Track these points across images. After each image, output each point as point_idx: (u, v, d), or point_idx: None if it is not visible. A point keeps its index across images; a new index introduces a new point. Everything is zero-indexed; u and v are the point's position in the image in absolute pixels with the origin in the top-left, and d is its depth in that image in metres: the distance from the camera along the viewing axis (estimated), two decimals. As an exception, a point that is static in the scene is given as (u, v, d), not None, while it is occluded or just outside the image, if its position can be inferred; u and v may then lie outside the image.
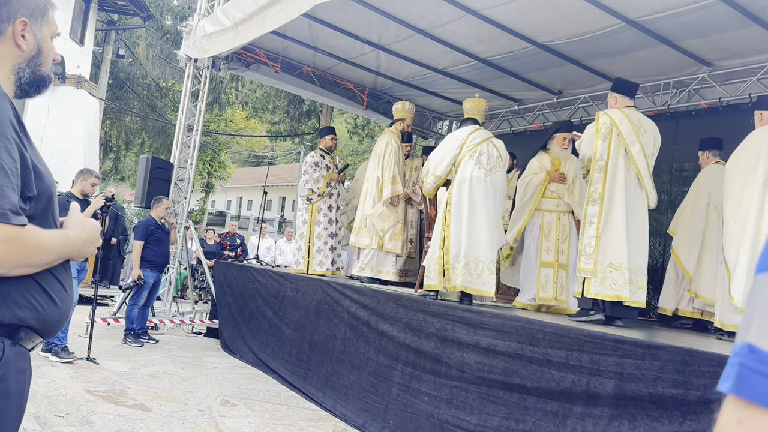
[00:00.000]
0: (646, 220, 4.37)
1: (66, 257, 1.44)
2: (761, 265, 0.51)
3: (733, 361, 0.50)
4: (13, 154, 1.26)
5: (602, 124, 4.40)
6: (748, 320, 0.51)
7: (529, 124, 9.24)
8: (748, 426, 0.47)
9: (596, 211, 4.30)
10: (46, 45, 1.46)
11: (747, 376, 0.48)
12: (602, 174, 4.33)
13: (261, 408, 5.02)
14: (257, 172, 35.60)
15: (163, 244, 7.33)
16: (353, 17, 7.04)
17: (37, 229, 1.31)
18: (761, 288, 0.50)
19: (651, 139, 4.42)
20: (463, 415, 3.77)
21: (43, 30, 1.45)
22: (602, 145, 4.37)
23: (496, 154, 4.92)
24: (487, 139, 4.97)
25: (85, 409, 4.37)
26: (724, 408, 0.50)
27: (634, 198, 4.30)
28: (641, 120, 4.45)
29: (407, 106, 6.86)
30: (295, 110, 23.30)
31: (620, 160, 4.31)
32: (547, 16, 6.20)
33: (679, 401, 2.67)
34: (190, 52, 8.63)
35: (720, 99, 6.92)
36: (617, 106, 4.54)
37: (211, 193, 26.72)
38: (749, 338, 0.49)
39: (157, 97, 23.12)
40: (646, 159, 4.33)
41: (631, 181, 4.31)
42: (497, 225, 4.86)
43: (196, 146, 8.97)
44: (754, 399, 0.47)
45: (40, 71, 1.46)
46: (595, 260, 4.23)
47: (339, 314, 5.35)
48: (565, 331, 3.32)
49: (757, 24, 5.63)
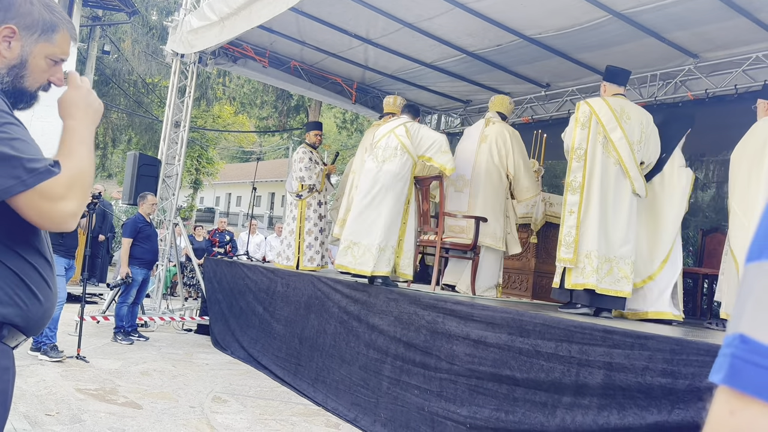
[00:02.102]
0: (631, 207, 4.33)
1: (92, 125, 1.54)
2: (751, 254, 0.52)
3: (724, 352, 0.50)
4: (22, 131, 1.31)
5: (581, 114, 4.41)
6: (739, 310, 0.51)
7: (518, 118, 9.26)
8: (740, 416, 0.47)
9: (576, 200, 4.31)
10: (34, 61, 1.44)
11: (739, 367, 0.48)
12: (581, 163, 4.33)
13: (253, 404, 5.01)
14: (246, 168, 35.43)
15: (151, 241, 7.29)
16: (341, 11, 7.02)
17: (65, 163, 1.34)
18: (752, 277, 0.50)
19: (637, 125, 4.36)
20: (453, 407, 3.78)
21: (36, 47, 1.43)
22: (581, 133, 4.37)
23: (395, 144, 5.08)
24: (389, 132, 5.18)
25: (76, 407, 4.34)
26: (715, 399, 0.50)
27: (614, 186, 4.28)
28: (625, 107, 4.41)
29: (398, 100, 6.85)
30: (284, 105, 23.21)
31: (598, 148, 4.30)
32: (535, 9, 6.21)
33: (668, 390, 2.69)
34: (176, 48, 8.56)
35: (706, 90, 6.96)
36: (606, 94, 4.54)
37: (199, 189, 26.57)
38: (741, 328, 0.49)
39: (143, 93, 22.92)
40: (629, 146, 4.28)
41: (611, 168, 4.29)
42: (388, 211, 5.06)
43: (183, 142, 8.92)
44: (746, 389, 0.47)
45: (21, 83, 1.44)
46: (575, 250, 4.24)
47: (329, 309, 5.34)
48: (554, 322, 3.34)
49: (743, 15, 5.67)
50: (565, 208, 4.38)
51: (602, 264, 4.20)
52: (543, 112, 8.85)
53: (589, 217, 4.23)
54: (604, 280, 4.20)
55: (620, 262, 4.24)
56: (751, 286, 0.50)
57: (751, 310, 0.49)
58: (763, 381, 0.46)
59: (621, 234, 4.28)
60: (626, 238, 4.30)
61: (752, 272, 0.50)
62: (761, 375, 0.47)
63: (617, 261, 4.23)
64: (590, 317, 4.01)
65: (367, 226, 5.02)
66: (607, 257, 4.22)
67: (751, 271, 0.51)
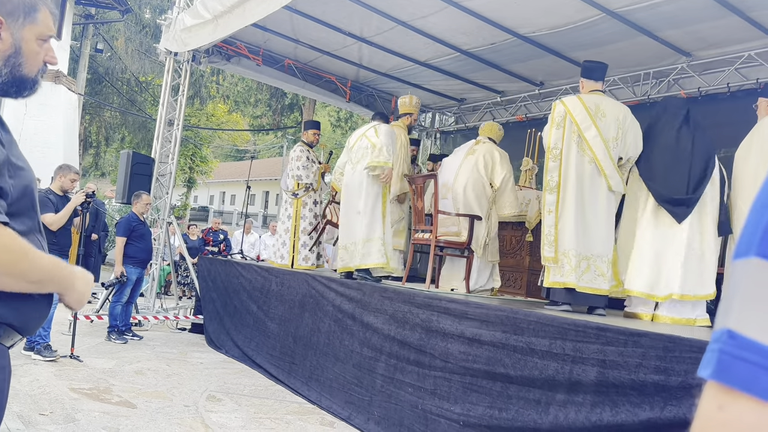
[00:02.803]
0: (608, 205, 4.33)
1: (57, 288, 1.38)
2: (738, 250, 0.52)
3: (713, 347, 0.50)
4: None
5: (557, 113, 4.42)
6: (727, 306, 0.51)
7: (512, 116, 9.28)
8: (729, 411, 0.48)
9: (554, 199, 4.32)
10: (27, 46, 1.43)
11: (727, 362, 0.48)
12: (557, 162, 4.35)
13: (248, 402, 5.01)
14: (240, 167, 35.35)
15: (145, 240, 7.28)
16: (335, 9, 7.01)
17: (22, 240, 1.26)
18: (740, 273, 0.51)
19: (613, 122, 4.34)
20: (447, 405, 3.79)
21: (24, 30, 1.41)
22: (556, 133, 4.38)
23: (366, 144, 5.47)
24: (361, 135, 5.62)
25: (70, 407, 4.33)
26: (704, 394, 0.50)
27: (590, 184, 4.29)
28: (600, 104, 4.39)
29: (414, 100, 6.68)
30: (278, 103, 23.18)
31: (573, 147, 4.31)
32: (528, 8, 6.22)
33: (661, 387, 2.70)
34: (169, 46, 8.53)
35: (699, 89, 6.99)
36: (584, 90, 4.56)
37: (193, 188, 26.47)
38: (729, 324, 0.49)
39: (136, 91, 22.84)
40: (604, 143, 4.27)
41: (585, 167, 4.29)
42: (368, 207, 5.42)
43: (177, 141, 8.89)
44: (734, 384, 0.47)
45: (20, 72, 1.43)
46: (555, 248, 4.26)
47: (324, 307, 5.35)
48: (548, 319, 3.35)
49: (735, 14, 5.69)
50: (543, 208, 4.41)
51: (580, 262, 4.22)
52: (537, 110, 8.87)
53: (566, 216, 4.25)
54: (582, 278, 4.22)
55: (597, 260, 4.25)
56: (738, 282, 0.50)
57: (739, 306, 0.50)
58: (750, 376, 0.47)
59: (598, 232, 4.29)
60: (604, 236, 4.30)
61: (739, 268, 0.51)
62: (748, 370, 0.47)
63: (595, 259, 4.25)
64: (585, 315, 4.03)
65: (353, 226, 5.43)
66: (585, 255, 4.24)
67: (738, 267, 0.51)
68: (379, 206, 5.45)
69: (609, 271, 4.27)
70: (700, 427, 0.50)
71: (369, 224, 5.36)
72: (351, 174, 5.56)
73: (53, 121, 13.40)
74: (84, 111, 19.75)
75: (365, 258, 5.31)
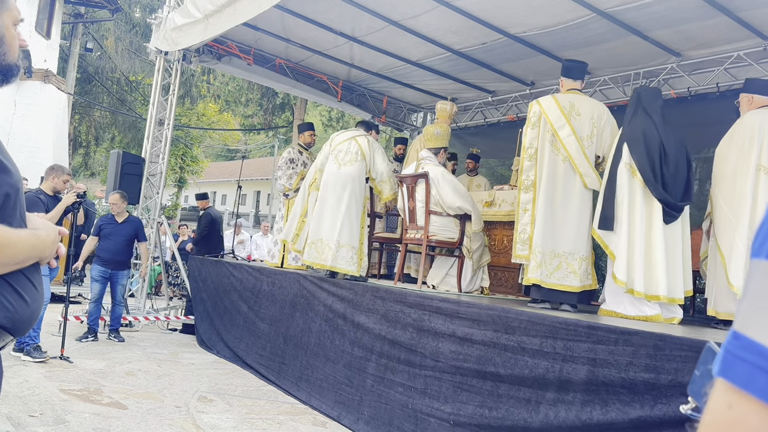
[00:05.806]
0: (582, 203, 4.37)
1: (36, 258, 1.41)
2: (753, 249, 0.53)
3: (723, 345, 0.52)
4: None
5: (532, 114, 4.50)
6: (738, 305, 0.52)
7: (503, 116, 9.30)
8: (738, 410, 0.48)
9: (529, 198, 4.38)
10: (8, 33, 1.42)
11: (730, 361, 0.50)
12: (533, 162, 4.41)
13: (239, 403, 5.00)
14: (231, 167, 35.24)
15: (111, 241, 7.11)
16: (326, 8, 7.00)
17: (2, 226, 1.28)
18: (750, 273, 0.52)
19: (587, 120, 4.40)
20: (437, 404, 3.80)
21: (3, 17, 1.41)
22: (531, 133, 4.45)
23: (356, 149, 5.56)
24: (350, 138, 5.69)
25: (60, 408, 4.30)
26: (714, 391, 0.51)
27: (563, 183, 4.33)
28: (575, 102, 4.44)
29: (454, 108, 6.71)
30: (269, 103, 23.10)
31: (546, 146, 4.36)
32: (519, 7, 6.23)
33: (651, 385, 2.72)
34: (160, 45, 8.49)
35: (689, 89, 7.03)
36: (563, 90, 4.61)
37: (184, 188, 26.34)
38: (736, 324, 0.51)
39: (126, 91, 22.70)
40: (578, 141, 4.32)
41: (559, 166, 4.34)
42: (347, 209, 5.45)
43: (167, 141, 8.85)
44: (737, 383, 0.48)
45: (5, 60, 1.42)
46: (530, 246, 4.29)
47: (315, 307, 5.34)
48: (539, 318, 3.36)
49: (724, 14, 5.73)
50: (518, 207, 4.45)
51: (550, 259, 4.25)
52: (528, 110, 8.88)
53: (538, 214, 4.29)
54: (553, 275, 4.24)
55: (569, 258, 4.28)
56: (748, 282, 0.52)
57: (744, 306, 0.51)
58: (748, 376, 0.48)
59: (569, 230, 4.32)
60: (576, 233, 4.33)
61: (752, 268, 0.52)
62: (747, 370, 0.48)
63: (566, 256, 4.28)
64: (573, 313, 4.04)
65: (324, 224, 5.42)
66: (555, 252, 4.27)
67: (751, 267, 0.52)
68: (360, 214, 5.50)
69: (581, 268, 4.30)
70: (710, 423, 0.51)
71: (347, 230, 5.35)
72: (336, 173, 5.52)
73: (42, 121, 13.30)
74: (74, 110, 19.62)
75: (336, 261, 5.31)
